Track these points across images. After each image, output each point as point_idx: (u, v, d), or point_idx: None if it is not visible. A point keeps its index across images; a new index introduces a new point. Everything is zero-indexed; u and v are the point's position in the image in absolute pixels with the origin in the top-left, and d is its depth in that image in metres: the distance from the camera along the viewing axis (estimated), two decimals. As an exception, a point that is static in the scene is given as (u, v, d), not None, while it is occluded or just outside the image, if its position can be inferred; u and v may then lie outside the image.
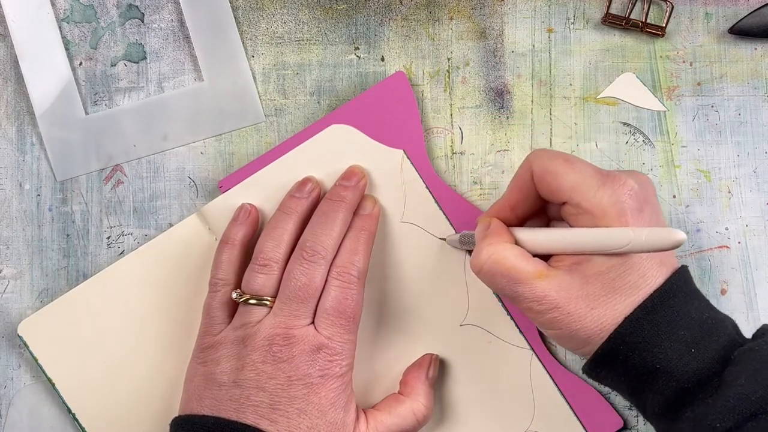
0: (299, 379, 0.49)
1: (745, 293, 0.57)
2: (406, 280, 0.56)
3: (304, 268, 0.50)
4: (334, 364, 0.50)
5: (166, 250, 0.56)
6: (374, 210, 0.55)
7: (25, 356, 0.56)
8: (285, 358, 0.49)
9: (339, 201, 0.53)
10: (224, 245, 0.54)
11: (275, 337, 0.49)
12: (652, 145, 0.57)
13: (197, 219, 0.56)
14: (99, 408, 0.55)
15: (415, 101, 0.56)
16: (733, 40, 0.57)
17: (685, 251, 0.57)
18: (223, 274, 0.53)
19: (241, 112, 0.57)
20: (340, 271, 0.51)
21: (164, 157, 0.58)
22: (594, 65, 0.58)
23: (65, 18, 0.58)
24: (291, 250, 0.52)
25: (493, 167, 0.57)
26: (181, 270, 0.56)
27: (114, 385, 0.55)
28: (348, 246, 0.52)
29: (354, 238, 0.53)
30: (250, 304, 0.51)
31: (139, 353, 0.56)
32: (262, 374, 0.49)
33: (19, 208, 0.57)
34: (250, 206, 0.55)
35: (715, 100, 0.57)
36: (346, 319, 0.51)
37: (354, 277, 0.51)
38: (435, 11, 0.58)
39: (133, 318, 0.56)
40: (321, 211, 0.53)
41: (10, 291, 0.57)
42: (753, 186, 0.57)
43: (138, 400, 0.55)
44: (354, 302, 0.51)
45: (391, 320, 0.56)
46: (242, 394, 0.49)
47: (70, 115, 0.57)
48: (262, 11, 0.58)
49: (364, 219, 0.54)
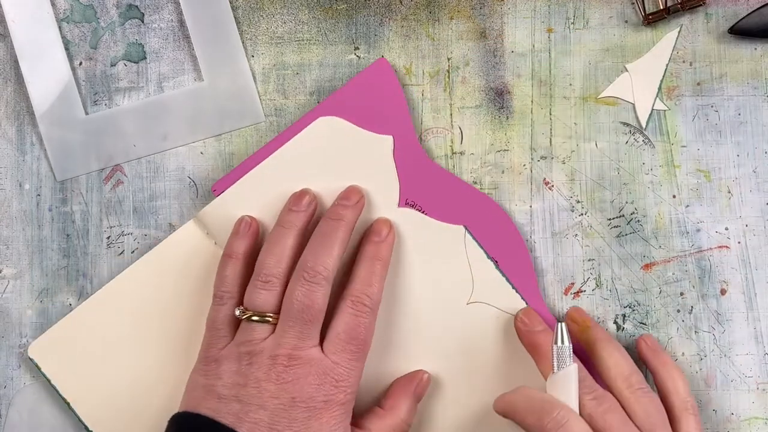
0: (303, 402, 0.48)
1: (745, 293, 0.57)
2: (408, 265, 0.55)
3: (306, 289, 0.50)
4: (339, 390, 0.49)
5: (167, 258, 0.56)
6: (389, 237, 0.54)
7: (38, 376, 0.56)
8: (289, 379, 0.49)
9: (338, 220, 0.52)
10: (227, 259, 0.53)
11: (280, 356, 0.49)
12: (652, 145, 0.57)
13: (195, 225, 0.56)
14: (116, 424, 0.55)
15: (399, 86, 0.56)
16: (733, 40, 0.57)
17: (685, 251, 0.57)
18: (227, 287, 0.52)
19: (241, 112, 0.57)
20: (354, 300, 0.51)
21: (164, 157, 0.58)
22: (594, 65, 0.58)
23: (65, 18, 0.58)
24: (293, 265, 0.52)
25: (493, 167, 0.57)
26: (184, 277, 0.56)
27: (130, 399, 0.55)
28: (362, 276, 0.52)
29: (368, 267, 0.52)
30: (253, 321, 0.50)
31: (151, 364, 0.55)
32: (264, 392, 0.48)
33: (19, 208, 0.57)
34: (250, 218, 0.54)
35: (715, 100, 0.57)
36: (356, 345, 0.50)
37: (368, 307, 0.51)
38: (435, 11, 0.58)
39: (141, 329, 0.56)
40: (321, 232, 0.52)
41: (10, 291, 0.57)
42: (753, 186, 0.57)
43: (156, 413, 0.55)
44: (366, 330, 0.51)
45: (400, 305, 0.55)
46: (242, 409, 0.48)
47: (70, 115, 0.57)
48: (262, 11, 0.58)
49: (379, 246, 0.53)
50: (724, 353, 0.56)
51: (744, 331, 0.56)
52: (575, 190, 0.57)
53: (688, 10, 0.57)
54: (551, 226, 0.57)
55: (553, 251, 0.57)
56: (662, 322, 0.57)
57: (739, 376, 0.56)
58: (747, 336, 0.56)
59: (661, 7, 0.57)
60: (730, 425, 0.56)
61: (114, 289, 0.56)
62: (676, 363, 0.54)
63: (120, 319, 0.56)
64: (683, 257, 0.57)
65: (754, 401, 0.56)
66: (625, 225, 0.57)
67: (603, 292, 0.57)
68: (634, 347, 0.55)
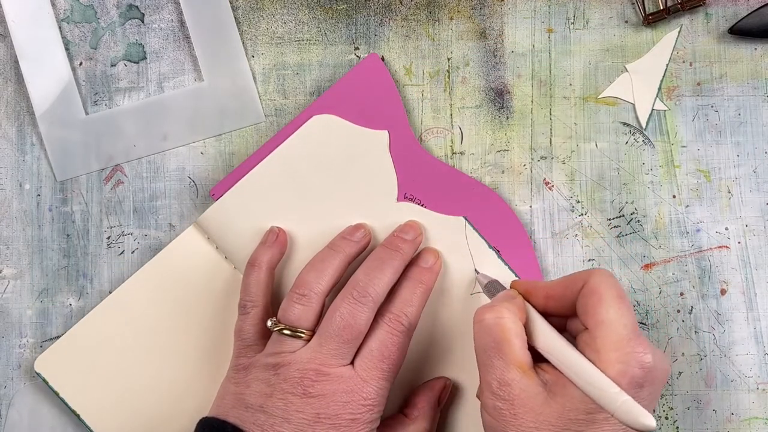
0: (328, 418, 0.48)
1: (744, 293, 0.57)
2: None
3: (352, 307, 0.50)
4: (366, 409, 0.49)
5: (169, 265, 0.56)
6: (435, 265, 0.54)
7: (46, 390, 0.56)
8: (315, 394, 0.48)
9: (395, 251, 0.53)
10: (252, 268, 0.53)
11: (309, 371, 0.49)
12: (652, 145, 0.57)
13: (195, 230, 0.56)
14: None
15: (392, 80, 0.56)
16: (733, 40, 0.57)
17: (685, 251, 0.57)
18: (252, 296, 0.53)
19: (241, 112, 0.57)
20: (392, 317, 0.51)
21: (164, 157, 0.58)
22: (594, 65, 0.58)
23: (65, 18, 0.58)
24: (332, 286, 0.52)
25: (493, 167, 0.57)
26: (187, 284, 0.56)
27: (138, 408, 0.55)
28: (403, 295, 0.52)
29: (411, 288, 0.52)
30: (285, 335, 0.50)
31: (158, 372, 0.56)
32: (289, 405, 0.48)
33: (19, 208, 0.57)
34: (278, 229, 0.55)
35: (715, 100, 0.57)
36: (388, 365, 0.50)
37: (404, 326, 0.51)
38: (435, 11, 0.58)
39: (146, 338, 0.56)
40: (377, 256, 0.52)
41: (10, 291, 0.57)
42: (753, 186, 0.57)
43: (165, 420, 0.55)
44: (398, 350, 0.50)
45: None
46: (267, 421, 0.48)
47: (70, 115, 0.57)
48: (262, 11, 0.58)
49: (424, 271, 0.53)
50: (724, 353, 0.56)
51: (744, 331, 0.56)
52: (575, 190, 0.57)
53: (688, 10, 0.57)
54: (551, 226, 0.57)
55: (553, 251, 0.57)
56: (662, 322, 0.57)
57: (739, 376, 0.56)
58: (747, 336, 0.56)
59: (661, 7, 0.57)
60: (730, 425, 0.56)
61: (117, 299, 0.56)
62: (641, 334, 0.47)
63: (125, 329, 0.56)
64: (683, 257, 0.57)
65: (754, 401, 0.56)
66: (625, 225, 0.57)
67: (603, 292, 0.57)
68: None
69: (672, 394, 0.56)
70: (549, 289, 0.48)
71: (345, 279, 0.52)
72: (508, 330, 0.46)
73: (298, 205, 0.56)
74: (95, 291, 0.57)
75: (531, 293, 0.49)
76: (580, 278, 0.46)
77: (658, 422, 0.56)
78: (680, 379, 0.56)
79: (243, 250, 0.55)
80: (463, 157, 0.57)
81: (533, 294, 0.49)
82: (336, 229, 0.55)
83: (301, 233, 0.55)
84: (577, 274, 0.47)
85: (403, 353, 0.51)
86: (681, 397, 0.56)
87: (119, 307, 0.56)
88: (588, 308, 0.45)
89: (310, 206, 0.55)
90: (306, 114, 0.56)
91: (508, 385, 0.45)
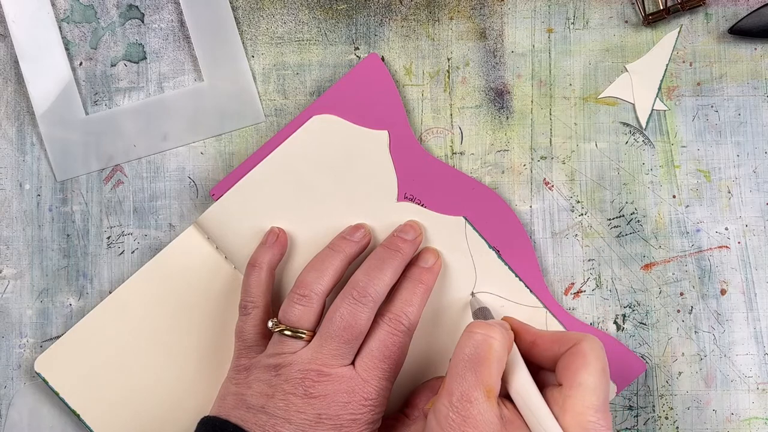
0: (329, 419, 0.48)
1: (744, 293, 0.57)
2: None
3: (352, 307, 0.50)
4: (367, 409, 0.49)
5: (169, 265, 0.56)
6: (435, 265, 0.54)
7: (46, 390, 0.56)
8: (316, 395, 0.48)
9: (396, 251, 0.53)
10: (252, 268, 0.54)
11: (310, 372, 0.49)
12: (652, 145, 0.57)
13: (195, 230, 0.56)
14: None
15: (392, 80, 0.56)
16: (733, 40, 0.57)
17: (685, 251, 0.57)
18: (253, 297, 0.53)
19: (241, 112, 0.57)
20: (392, 317, 0.51)
21: (164, 157, 0.58)
22: (594, 65, 0.58)
23: (65, 18, 0.58)
24: (332, 286, 0.52)
25: (493, 167, 0.57)
26: (187, 284, 0.56)
27: (138, 408, 0.55)
28: (403, 296, 0.52)
29: (411, 288, 0.52)
30: (285, 335, 0.50)
31: (158, 371, 0.56)
32: (290, 405, 0.48)
33: (19, 208, 0.57)
34: (278, 230, 0.55)
35: (715, 100, 0.57)
36: (389, 364, 0.50)
37: (404, 326, 0.51)
38: (435, 11, 0.58)
39: (146, 338, 0.56)
40: (377, 256, 0.52)
41: (10, 291, 0.57)
42: (753, 186, 0.57)
43: (165, 420, 0.55)
44: (399, 350, 0.50)
45: None
46: (268, 422, 0.48)
47: (70, 115, 0.57)
48: (262, 11, 0.58)
49: (424, 271, 0.53)
50: (724, 353, 0.56)
51: (744, 331, 0.56)
52: (575, 190, 0.57)
53: (688, 10, 0.57)
54: (551, 226, 0.57)
55: (553, 251, 0.57)
56: (662, 322, 0.57)
57: (739, 376, 0.56)
58: (747, 336, 0.56)
59: (661, 7, 0.57)
60: (730, 425, 0.56)
61: (117, 299, 0.56)
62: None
63: (125, 329, 0.56)
64: (683, 257, 0.57)
65: (754, 401, 0.56)
66: (625, 225, 0.57)
67: (603, 292, 0.57)
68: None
69: (672, 394, 0.56)
70: (537, 337, 0.48)
71: (345, 279, 0.53)
72: (493, 351, 0.45)
73: (298, 205, 0.56)
74: (95, 291, 0.57)
75: (519, 334, 0.49)
76: (573, 338, 0.47)
77: (658, 422, 0.56)
78: (680, 379, 0.56)
79: (243, 250, 0.55)
80: (463, 157, 0.57)
81: (521, 336, 0.49)
82: (336, 229, 0.55)
83: (302, 233, 0.56)
84: (571, 334, 0.47)
85: (403, 353, 0.51)
86: (681, 397, 0.56)
87: (119, 307, 0.56)
88: (571, 367, 0.45)
89: (310, 206, 0.55)
90: (306, 114, 0.56)
91: (469, 401, 0.44)
